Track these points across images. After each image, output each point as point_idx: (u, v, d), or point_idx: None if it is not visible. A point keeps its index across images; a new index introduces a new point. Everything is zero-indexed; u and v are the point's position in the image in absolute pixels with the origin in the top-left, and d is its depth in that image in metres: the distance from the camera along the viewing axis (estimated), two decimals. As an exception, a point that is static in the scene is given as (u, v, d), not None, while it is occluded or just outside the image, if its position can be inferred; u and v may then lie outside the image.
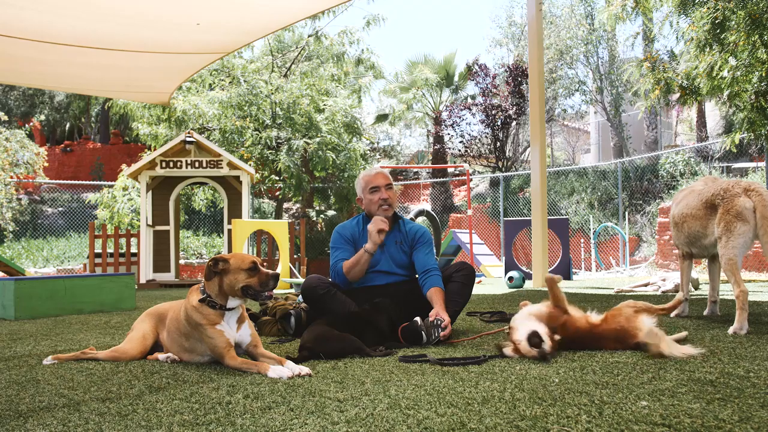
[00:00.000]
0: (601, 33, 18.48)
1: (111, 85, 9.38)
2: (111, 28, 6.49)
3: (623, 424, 1.50)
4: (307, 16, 7.75)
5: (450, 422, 1.57)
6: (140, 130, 14.77)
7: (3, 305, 4.94)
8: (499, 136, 18.56)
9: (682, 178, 14.25)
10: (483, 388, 1.95)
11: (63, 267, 14.87)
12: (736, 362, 2.24)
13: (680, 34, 9.51)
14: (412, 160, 25.81)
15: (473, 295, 5.72)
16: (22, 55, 7.06)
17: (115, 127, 26.14)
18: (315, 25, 16.41)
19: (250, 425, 1.60)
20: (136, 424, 1.66)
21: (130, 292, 5.57)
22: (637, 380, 1.99)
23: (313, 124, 15.03)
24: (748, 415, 1.55)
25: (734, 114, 9.37)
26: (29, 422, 1.71)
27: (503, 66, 19.37)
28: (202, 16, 6.41)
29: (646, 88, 9.84)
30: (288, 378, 2.18)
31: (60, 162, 23.73)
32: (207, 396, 1.96)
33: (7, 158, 15.01)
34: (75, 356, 2.71)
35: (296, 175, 14.75)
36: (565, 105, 21.48)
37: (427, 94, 21.59)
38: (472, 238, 10.77)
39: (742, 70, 8.15)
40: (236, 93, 14.54)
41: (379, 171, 3.42)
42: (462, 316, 3.99)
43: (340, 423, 1.60)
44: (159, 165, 10.49)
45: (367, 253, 3.16)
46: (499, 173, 18.10)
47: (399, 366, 2.38)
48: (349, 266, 3.20)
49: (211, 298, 2.46)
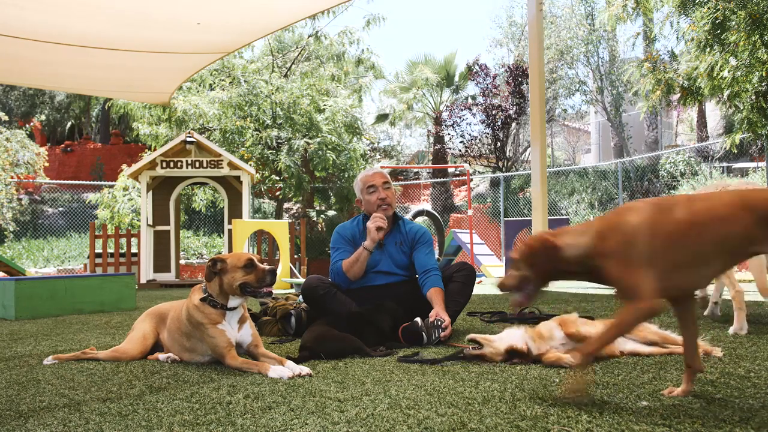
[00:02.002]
0: (602, 33, 18.47)
1: (111, 85, 9.37)
2: (111, 28, 6.49)
3: (624, 424, 1.50)
4: (307, 16, 7.75)
5: (450, 422, 1.57)
6: (141, 130, 14.78)
7: (3, 305, 4.94)
8: (500, 136, 18.56)
9: (682, 178, 14.25)
10: (483, 388, 1.95)
11: (63, 267, 14.87)
12: (737, 362, 2.24)
13: (681, 34, 9.52)
14: (413, 160, 25.82)
15: (473, 296, 5.72)
16: (23, 55, 7.06)
17: (116, 127, 26.16)
18: (315, 25, 16.43)
19: (251, 425, 1.60)
20: (137, 424, 1.66)
21: (130, 292, 5.57)
22: (638, 380, 1.99)
23: (314, 124, 15.04)
24: (748, 415, 1.55)
25: (734, 114, 9.37)
26: (30, 422, 1.71)
27: (503, 66, 19.37)
28: (202, 16, 6.41)
29: (646, 89, 9.85)
30: (288, 378, 2.18)
31: (60, 162, 23.74)
32: (207, 396, 1.96)
33: (7, 158, 15.02)
34: (75, 356, 2.71)
35: (297, 175, 14.75)
36: (565, 105, 21.48)
37: (428, 94, 21.59)
38: (472, 238, 10.77)
39: (742, 70, 8.15)
40: (236, 93, 14.55)
41: (376, 171, 3.42)
42: (462, 316, 4.00)
43: (341, 423, 1.60)
44: (159, 165, 10.49)
45: (366, 251, 3.16)
46: (499, 173, 18.10)
47: (399, 366, 2.38)
48: (349, 264, 3.20)
49: (212, 298, 2.46)
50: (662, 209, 1.66)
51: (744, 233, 1.59)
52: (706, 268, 1.66)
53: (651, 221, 1.63)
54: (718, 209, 1.63)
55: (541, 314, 3.69)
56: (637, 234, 1.62)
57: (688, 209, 1.64)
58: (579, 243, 1.70)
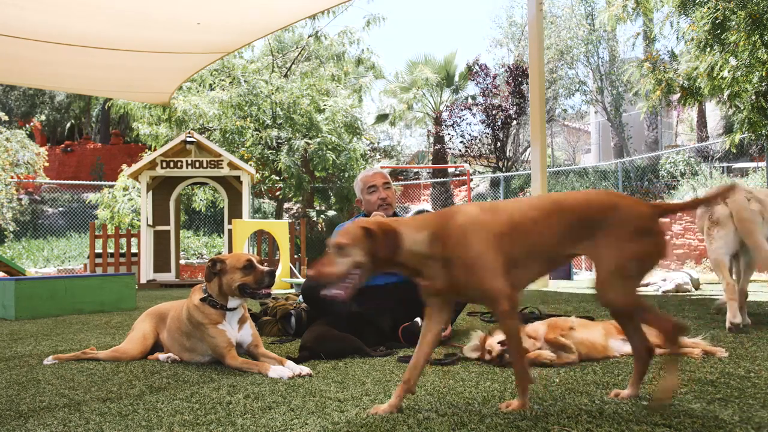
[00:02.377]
0: (602, 33, 18.47)
1: (111, 85, 9.38)
2: (111, 28, 6.49)
3: (624, 424, 1.50)
4: (307, 16, 7.76)
5: (450, 422, 1.57)
6: (141, 130, 14.77)
7: (3, 305, 4.94)
8: (500, 136, 18.55)
9: (682, 178, 14.24)
10: (483, 388, 1.95)
11: (63, 267, 14.86)
12: (737, 362, 2.24)
13: (681, 34, 9.52)
14: (413, 160, 25.80)
15: (473, 295, 5.72)
16: (23, 55, 7.06)
17: (116, 127, 26.14)
18: (315, 25, 16.41)
19: (251, 425, 1.60)
20: (137, 424, 1.66)
21: (130, 292, 5.57)
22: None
23: (314, 124, 15.04)
24: (748, 416, 1.55)
25: (734, 114, 9.37)
26: (30, 422, 1.71)
27: (503, 66, 19.36)
28: (202, 16, 6.41)
29: (646, 89, 9.84)
30: (288, 378, 2.18)
31: (60, 162, 23.72)
32: (207, 396, 1.96)
33: (7, 158, 15.01)
34: (75, 356, 2.71)
35: (297, 175, 14.75)
36: (565, 105, 21.47)
37: (428, 94, 21.57)
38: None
39: (742, 70, 8.15)
40: (236, 93, 14.55)
41: (376, 171, 3.41)
42: (462, 316, 3.99)
43: (341, 423, 1.60)
44: (159, 165, 10.49)
45: None
46: (499, 173, 18.10)
47: (399, 366, 2.38)
48: None
49: (212, 298, 2.47)
50: (487, 212, 1.65)
51: (561, 235, 1.61)
52: (525, 271, 1.64)
53: (479, 223, 1.60)
54: (536, 213, 1.64)
55: (542, 314, 3.69)
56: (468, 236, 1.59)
57: (512, 213, 1.65)
58: (416, 238, 1.62)
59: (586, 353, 2.35)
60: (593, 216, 1.62)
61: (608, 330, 2.48)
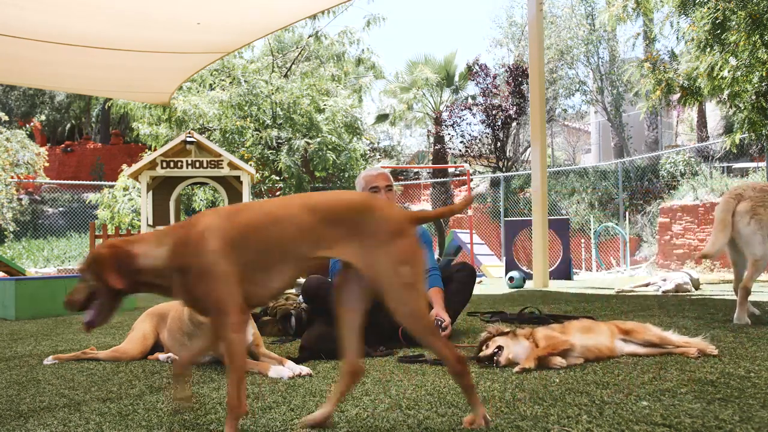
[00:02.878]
0: (602, 33, 18.46)
1: (112, 85, 9.38)
2: (111, 28, 6.49)
3: (624, 424, 1.50)
4: (307, 16, 7.76)
5: (451, 422, 1.57)
6: (141, 130, 14.78)
7: (3, 305, 4.94)
8: (500, 136, 18.55)
9: (682, 178, 14.23)
10: (484, 388, 1.95)
11: (64, 267, 14.86)
12: (737, 362, 2.24)
13: (681, 34, 9.52)
14: (413, 160, 25.80)
15: (474, 295, 5.72)
16: (23, 55, 7.06)
17: (116, 127, 26.14)
18: (315, 25, 16.42)
19: (251, 425, 1.60)
20: (137, 424, 1.66)
21: (130, 292, 5.56)
22: (638, 380, 1.99)
23: (314, 124, 15.04)
24: (748, 416, 1.55)
25: (735, 114, 9.37)
26: (30, 422, 1.71)
27: (503, 66, 19.35)
28: (202, 16, 6.41)
29: (647, 89, 9.84)
30: (288, 378, 2.18)
31: (60, 162, 23.73)
32: (207, 396, 1.96)
33: (7, 158, 15.01)
34: (75, 356, 2.71)
35: (297, 175, 14.75)
36: (565, 105, 21.45)
37: (428, 94, 21.57)
38: (472, 238, 10.76)
39: (742, 70, 8.15)
40: (236, 93, 14.55)
41: (380, 172, 3.39)
42: (462, 316, 3.99)
43: (341, 423, 1.60)
44: (159, 165, 10.49)
45: None
46: (499, 173, 18.09)
47: (399, 366, 2.38)
48: None
49: (211, 298, 2.46)
50: (226, 216, 1.58)
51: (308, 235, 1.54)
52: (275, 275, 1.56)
53: (215, 228, 1.53)
54: (282, 213, 1.57)
55: (542, 315, 3.69)
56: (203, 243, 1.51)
57: (252, 214, 1.58)
58: (155, 254, 1.55)
59: (594, 359, 2.34)
60: (346, 215, 1.54)
61: (612, 330, 2.47)
